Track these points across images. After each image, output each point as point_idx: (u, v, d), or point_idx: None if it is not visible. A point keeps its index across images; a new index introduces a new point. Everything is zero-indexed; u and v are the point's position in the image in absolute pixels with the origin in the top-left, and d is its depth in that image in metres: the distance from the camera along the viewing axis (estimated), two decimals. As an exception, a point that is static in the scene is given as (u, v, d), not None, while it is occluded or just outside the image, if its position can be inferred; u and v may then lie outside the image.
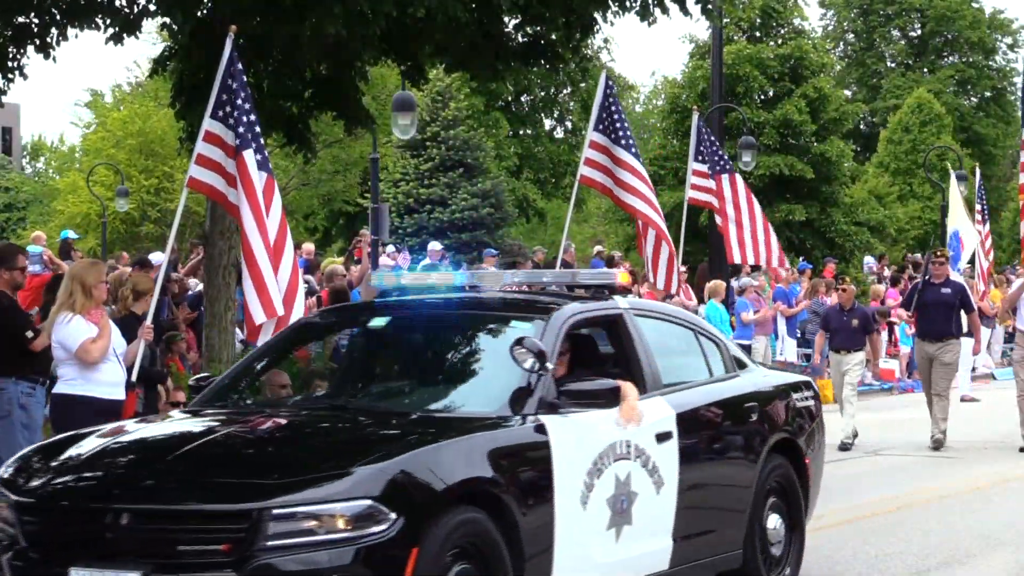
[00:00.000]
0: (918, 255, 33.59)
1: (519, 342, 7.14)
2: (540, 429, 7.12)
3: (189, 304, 16.73)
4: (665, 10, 14.39)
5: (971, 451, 16.09)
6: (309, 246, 24.71)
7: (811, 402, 9.56)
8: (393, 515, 6.21)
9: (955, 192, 25.55)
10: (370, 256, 23.19)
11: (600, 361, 8.27)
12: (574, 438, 7.26)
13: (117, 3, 13.55)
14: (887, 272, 32.66)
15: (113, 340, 10.04)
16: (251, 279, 10.87)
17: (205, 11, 13.61)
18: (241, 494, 6.31)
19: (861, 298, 31.32)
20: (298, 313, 10.99)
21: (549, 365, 7.24)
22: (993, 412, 19.58)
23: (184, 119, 14.44)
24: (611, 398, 7.43)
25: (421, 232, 39.01)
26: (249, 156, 11.10)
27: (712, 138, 18.85)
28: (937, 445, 16.34)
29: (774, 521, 8.89)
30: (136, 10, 13.70)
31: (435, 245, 25.34)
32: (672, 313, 9.17)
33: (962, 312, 17.27)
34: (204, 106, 11.54)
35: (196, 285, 17.54)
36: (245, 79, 11.36)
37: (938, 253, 17.80)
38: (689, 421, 8.20)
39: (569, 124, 55.69)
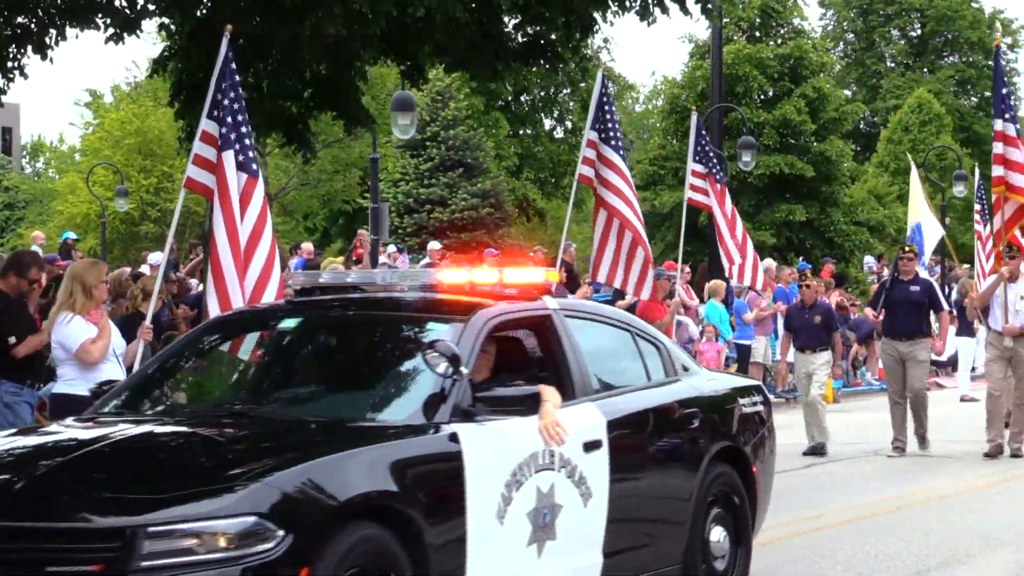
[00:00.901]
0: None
1: (432, 346, 6.77)
2: (453, 438, 6.67)
3: (189, 304, 16.74)
4: (665, 10, 14.39)
5: (971, 451, 16.06)
6: (308, 246, 24.72)
7: (760, 408, 9.11)
8: (281, 532, 5.78)
9: (916, 185, 25.04)
10: (370, 256, 23.21)
11: (528, 365, 7.79)
12: (490, 447, 6.83)
13: (116, 3, 13.55)
14: (887, 272, 32.61)
15: (113, 340, 10.04)
16: (212, 278, 10.78)
17: (204, 11, 13.61)
18: (114, 510, 5.85)
19: (861, 298, 31.41)
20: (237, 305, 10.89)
21: (464, 370, 6.82)
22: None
23: (183, 119, 14.44)
24: (530, 405, 7.00)
25: (421, 232, 39.03)
26: (229, 157, 11.02)
27: (708, 142, 18.83)
28: (896, 453, 15.76)
29: (718, 534, 8.41)
30: (135, 10, 13.70)
31: (434, 245, 25.33)
32: (608, 314, 8.70)
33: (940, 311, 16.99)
34: (203, 106, 11.54)
35: (196, 285, 17.55)
36: (238, 79, 11.32)
37: (906, 249, 17.26)
38: (621, 428, 7.72)
39: (569, 124, 55.68)
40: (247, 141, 11.23)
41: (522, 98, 54.03)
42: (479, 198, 40.09)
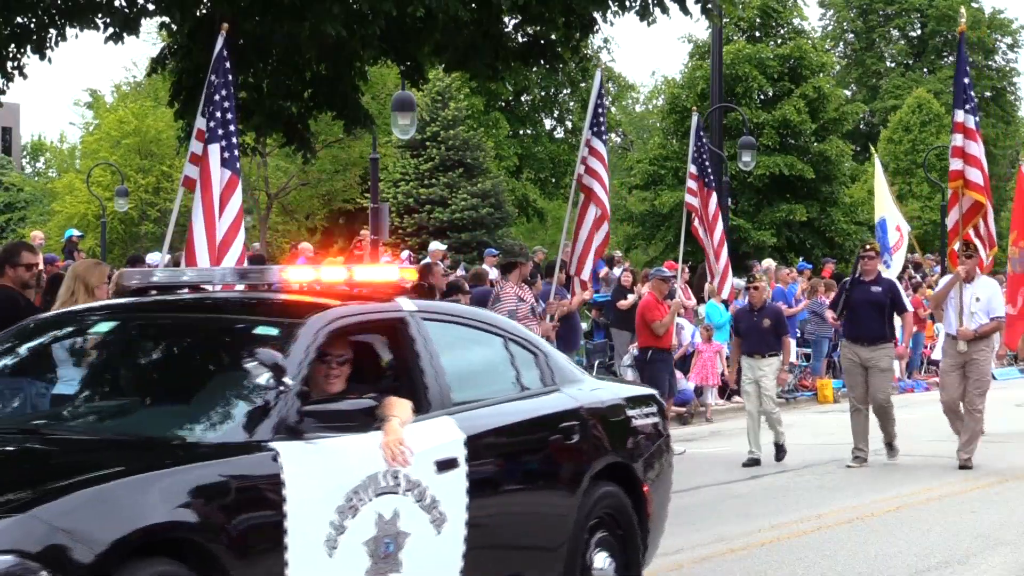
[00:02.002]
0: (917, 255, 33.57)
1: (252, 353, 6.00)
2: (274, 458, 5.86)
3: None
4: (665, 10, 14.40)
5: (971, 451, 16.04)
6: (307, 246, 24.69)
7: (654, 419, 8.34)
8: (47, 572, 4.95)
9: (880, 179, 23.82)
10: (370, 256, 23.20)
11: (382, 374, 7.06)
12: (320, 468, 6.03)
13: (116, 3, 13.56)
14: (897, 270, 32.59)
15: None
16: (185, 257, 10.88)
17: (204, 10, 13.62)
18: None
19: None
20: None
21: (289, 381, 6.04)
22: (991, 412, 19.55)
23: (183, 118, 14.46)
24: (365, 420, 6.20)
25: (421, 232, 39.03)
26: (214, 151, 11.07)
27: (704, 144, 18.85)
28: (855, 463, 15.00)
29: (602, 560, 7.59)
30: (135, 9, 13.71)
31: (438, 246, 25.33)
32: (476, 317, 7.87)
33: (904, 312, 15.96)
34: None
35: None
36: (231, 77, 11.36)
37: (867, 247, 15.95)
38: (483, 445, 6.93)
39: (569, 124, 55.70)
40: (233, 139, 11.26)
41: (522, 98, 54.04)
42: (479, 198, 40.09)
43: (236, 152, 11.35)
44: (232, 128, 11.26)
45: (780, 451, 15.48)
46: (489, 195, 40.45)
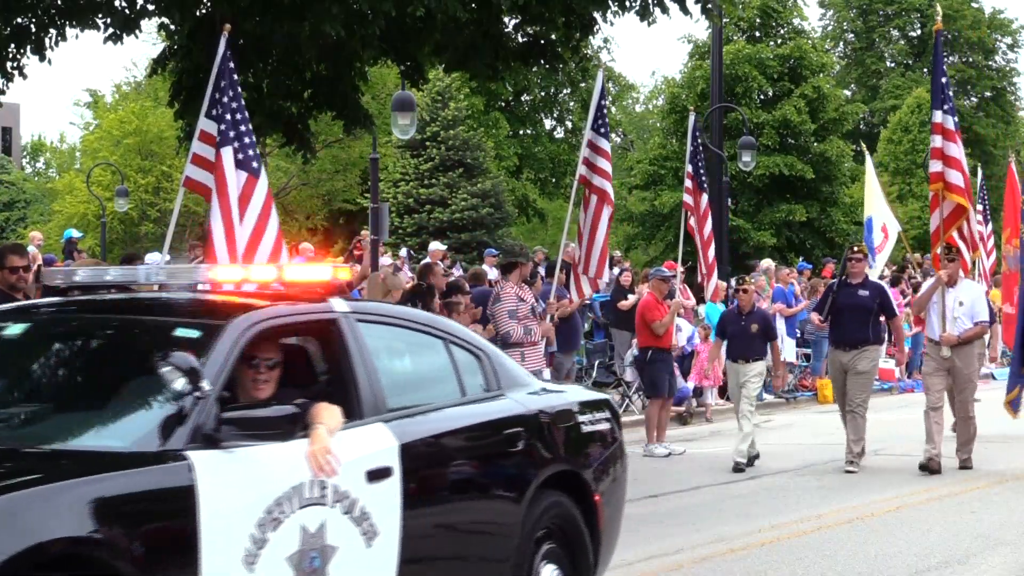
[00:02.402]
0: (917, 255, 33.58)
1: (166, 357, 5.68)
2: (187, 468, 5.52)
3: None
4: (665, 10, 14.40)
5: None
6: (307, 246, 24.68)
7: (606, 426, 8.01)
8: None
9: (871, 175, 22.90)
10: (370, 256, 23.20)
11: (313, 379, 6.72)
12: (238, 479, 5.71)
13: (116, 3, 13.56)
14: (887, 272, 32.66)
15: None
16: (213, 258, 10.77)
17: (204, 10, 13.62)
18: None
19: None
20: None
21: (205, 386, 5.73)
22: (992, 412, 19.55)
23: (183, 119, 14.46)
24: (288, 427, 5.90)
25: (421, 232, 39.04)
26: (227, 154, 11.01)
27: (700, 145, 18.89)
28: (852, 467, 14.58)
29: (549, 573, 7.32)
30: (135, 10, 13.71)
31: (438, 246, 25.34)
32: (415, 319, 7.51)
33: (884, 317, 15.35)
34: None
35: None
36: (236, 77, 11.32)
37: (855, 249, 15.51)
38: (419, 453, 6.62)
39: (569, 124, 55.70)
40: (247, 139, 11.21)
41: (522, 98, 54.04)
42: (479, 198, 40.10)
43: (252, 152, 11.25)
44: (244, 128, 11.19)
45: (751, 462, 15.03)
46: (489, 195, 40.46)
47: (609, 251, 15.78)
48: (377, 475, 6.31)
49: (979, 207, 26.87)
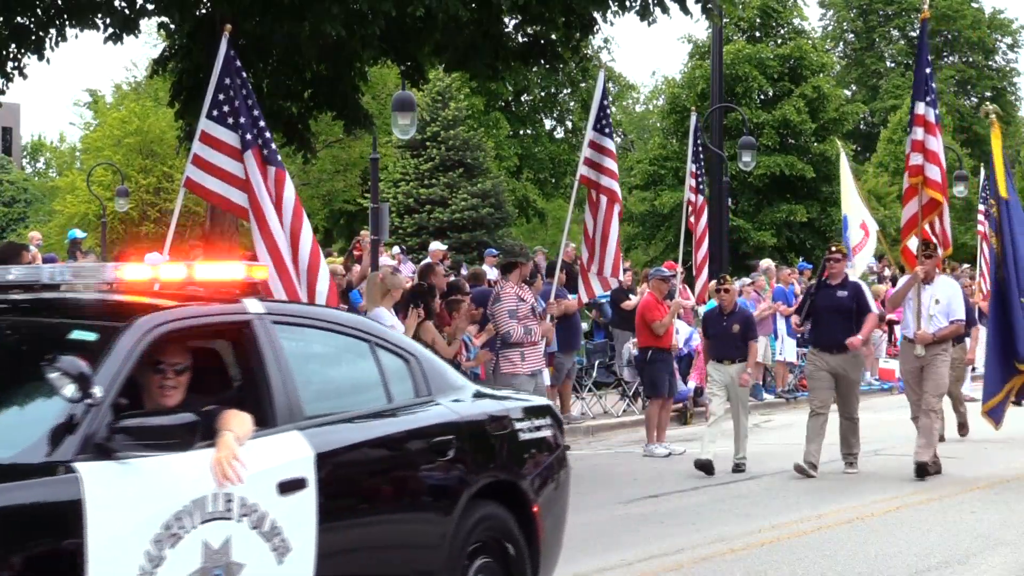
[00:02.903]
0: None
1: (54, 362, 5.32)
2: (75, 481, 5.16)
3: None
4: (665, 9, 14.40)
5: (970, 451, 16.06)
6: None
7: (546, 433, 7.67)
8: None
9: (846, 173, 22.31)
10: (370, 256, 23.20)
11: (226, 384, 6.37)
12: (133, 492, 5.36)
13: (116, 3, 13.56)
14: (887, 272, 32.65)
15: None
16: (275, 269, 10.84)
17: (204, 10, 13.63)
18: None
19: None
20: (322, 296, 10.96)
21: (97, 392, 5.38)
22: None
23: (183, 119, 14.46)
24: (187, 436, 5.52)
25: (421, 232, 39.05)
26: (250, 157, 11.01)
27: (701, 146, 18.90)
28: (808, 471, 14.10)
29: None
30: (134, 9, 13.71)
31: (437, 246, 25.34)
32: (338, 320, 7.08)
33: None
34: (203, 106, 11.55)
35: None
36: (244, 75, 11.29)
37: (833, 249, 15.00)
38: (338, 463, 6.26)
39: (569, 124, 55.74)
40: (268, 134, 11.19)
41: (522, 98, 54.06)
42: (479, 198, 40.10)
43: (273, 146, 11.26)
44: (262, 124, 11.17)
45: (737, 468, 14.67)
46: (489, 195, 40.47)
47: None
48: (290, 487, 5.95)
49: (981, 207, 26.87)
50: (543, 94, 54.43)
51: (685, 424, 20.07)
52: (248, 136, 10.99)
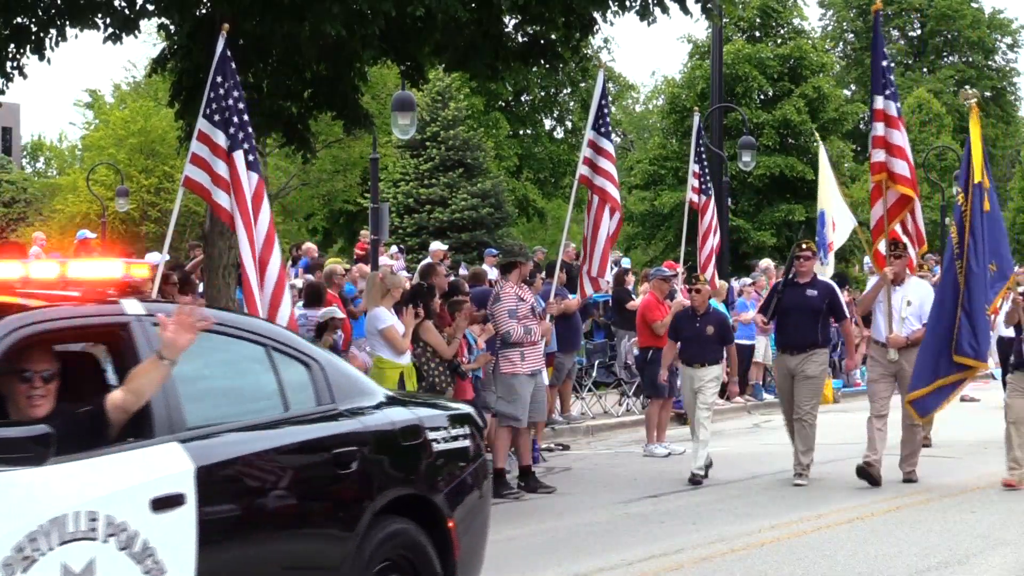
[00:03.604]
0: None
1: None
2: None
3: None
4: (665, 9, 14.40)
5: (970, 451, 16.07)
6: (310, 246, 24.71)
7: (465, 443, 7.24)
8: None
9: (825, 166, 21.45)
10: (370, 255, 23.23)
11: (103, 391, 5.83)
12: None
13: (115, 3, 13.56)
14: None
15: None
16: (253, 271, 10.95)
17: (204, 10, 13.62)
18: None
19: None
20: (283, 319, 10.90)
21: None
22: (992, 412, 19.56)
23: (183, 119, 14.45)
24: (38, 450, 5.09)
25: (421, 232, 39.05)
26: (239, 157, 11.08)
27: (703, 145, 18.91)
28: (800, 480, 13.64)
29: None
30: (134, 10, 13.71)
31: (437, 245, 25.35)
32: (229, 322, 6.54)
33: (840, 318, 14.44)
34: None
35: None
36: (238, 78, 11.34)
37: (803, 247, 14.26)
38: (222, 478, 5.83)
39: (569, 124, 55.74)
40: (253, 141, 11.27)
41: (522, 98, 54.06)
42: (479, 198, 40.10)
43: (257, 155, 11.34)
44: (250, 130, 11.26)
45: (704, 472, 14.11)
46: (489, 195, 40.47)
47: (611, 252, 15.74)
48: (165, 503, 5.48)
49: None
50: (543, 94, 54.44)
51: (685, 424, 20.06)
52: (240, 136, 11.06)
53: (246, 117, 11.23)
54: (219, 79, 11.15)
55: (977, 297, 13.22)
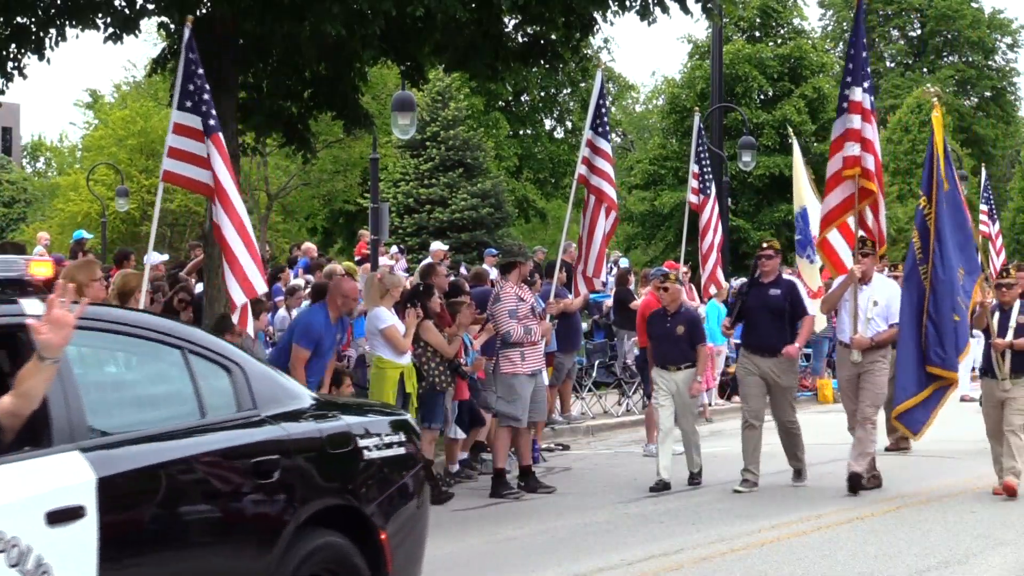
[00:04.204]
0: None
1: None
2: None
3: (194, 305, 16.73)
4: (665, 9, 14.39)
5: (970, 451, 16.05)
6: (310, 246, 24.73)
7: (399, 450, 6.90)
8: None
9: (799, 164, 21.38)
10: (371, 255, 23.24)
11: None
12: None
13: (116, 3, 13.56)
14: (887, 272, 32.74)
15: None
16: (227, 261, 11.08)
17: (204, 10, 13.62)
18: None
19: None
20: (261, 289, 11.25)
21: None
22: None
23: (183, 119, 14.44)
24: None
25: (421, 232, 39.06)
26: (211, 143, 11.31)
27: (704, 146, 18.92)
28: (749, 486, 13.21)
29: None
30: (134, 9, 13.71)
31: (437, 245, 25.36)
32: (140, 323, 6.16)
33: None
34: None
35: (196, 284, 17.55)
36: (202, 71, 11.53)
37: (764, 246, 13.82)
38: (127, 490, 5.45)
39: (569, 124, 55.74)
40: (213, 110, 11.43)
41: (522, 98, 54.06)
42: (479, 198, 40.12)
43: (216, 120, 11.47)
44: (213, 111, 11.41)
45: (694, 479, 13.86)
46: (489, 195, 40.48)
47: (607, 252, 15.75)
48: (62, 516, 5.11)
49: (984, 207, 26.94)
50: (543, 94, 54.45)
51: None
52: (211, 122, 11.26)
53: (208, 97, 11.40)
54: (191, 69, 11.31)
55: (943, 304, 12.74)
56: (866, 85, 13.67)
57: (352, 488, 6.56)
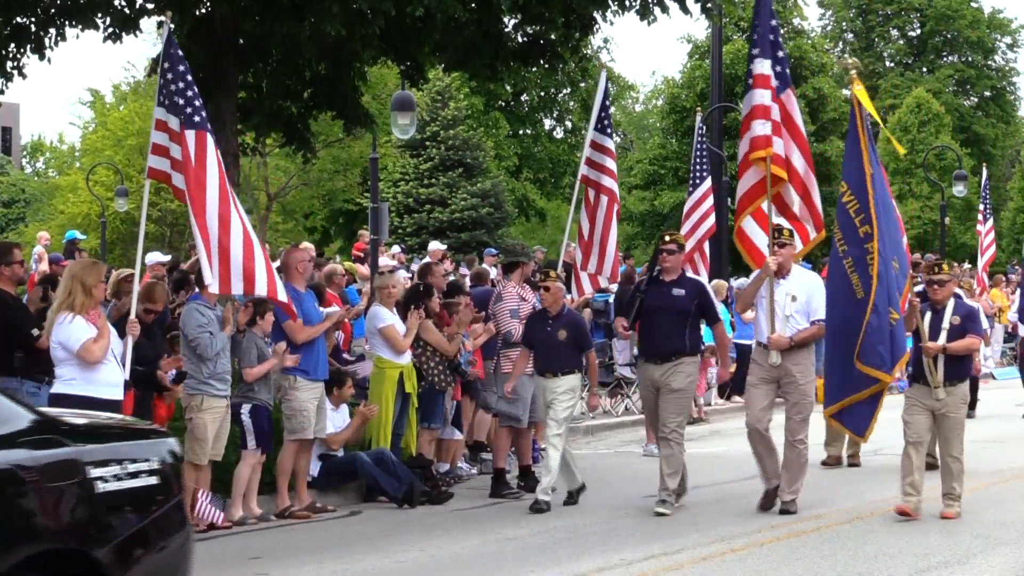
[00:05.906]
0: (917, 255, 33.63)
1: None
2: None
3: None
4: (665, 9, 14.41)
5: (970, 451, 16.03)
6: (308, 245, 24.76)
7: (147, 481, 5.83)
8: None
9: None
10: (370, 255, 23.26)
11: None
12: None
13: (116, 2, 13.58)
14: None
15: (111, 340, 10.04)
16: (205, 252, 10.80)
17: (204, 10, 13.64)
18: None
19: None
20: (261, 286, 10.89)
21: None
22: (992, 412, 19.58)
23: (182, 118, 14.44)
24: None
25: (421, 232, 39.08)
26: (191, 136, 10.95)
27: (704, 150, 18.89)
28: (663, 508, 11.68)
29: None
30: (134, 9, 13.73)
31: (436, 245, 25.36)
32: None
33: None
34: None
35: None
36: (184, 66, 11.31)
37: (667, 239, 12.07)
38: None
39: (569, 124, 55.77)
40: (197, 102, 11.17)
41: (522, 98, 54.08)
42: (479, 198, 40.14)
43: (204, 115, 11.21)
44: (199, 103, 11.20)
45: (571, 497, 12.53)
46: (489, 195, 40.51)
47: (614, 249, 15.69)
48: None
49: (981, 207, 26.94)
50: (543, 94, 54.47)
51: (689, 424, 20.05)
52: (189, 110, 10.97)
53: (199, 102, 11.19)
54: (167, 65, 11.16)
55: (882, 301, 11.24)
56: (780, 55, 12.40)
57: (77, 528, 5.51)
